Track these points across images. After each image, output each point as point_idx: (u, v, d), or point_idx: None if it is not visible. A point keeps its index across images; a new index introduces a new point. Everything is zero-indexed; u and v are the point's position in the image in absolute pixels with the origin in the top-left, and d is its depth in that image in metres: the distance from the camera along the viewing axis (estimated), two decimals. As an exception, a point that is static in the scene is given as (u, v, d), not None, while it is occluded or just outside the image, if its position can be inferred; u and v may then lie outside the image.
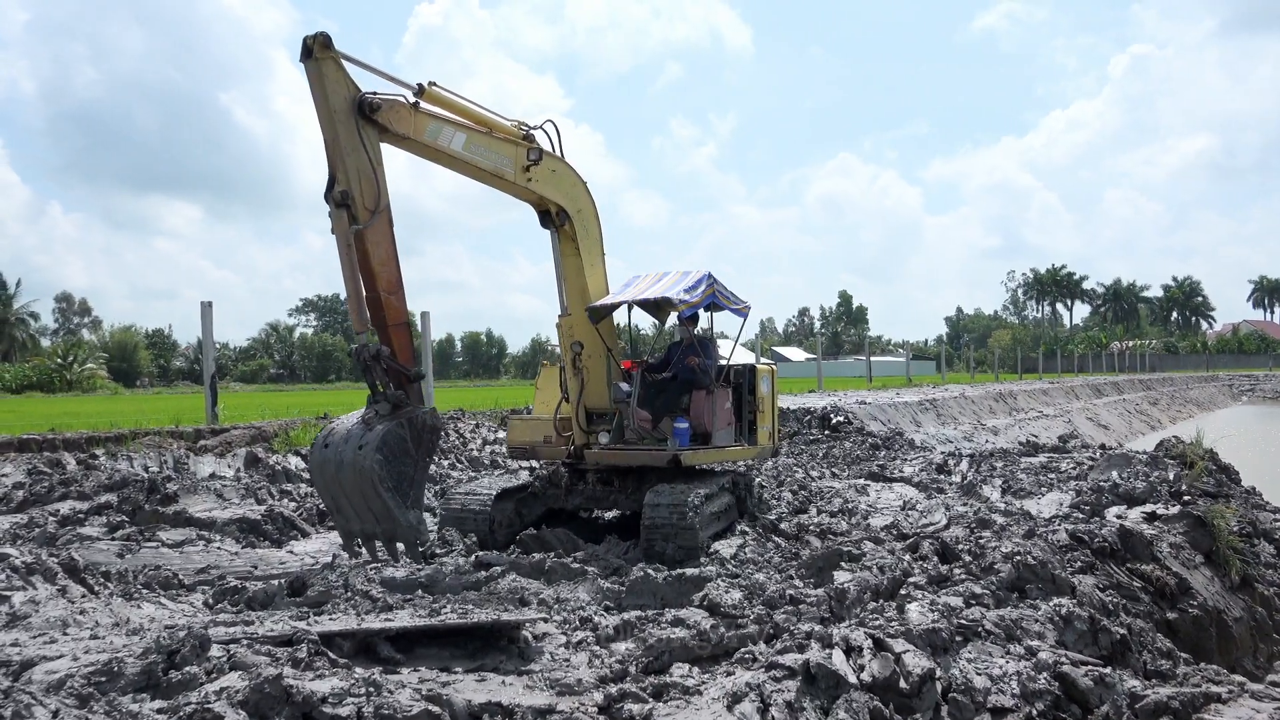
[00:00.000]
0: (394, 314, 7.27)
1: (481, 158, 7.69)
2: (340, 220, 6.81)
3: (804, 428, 19.44)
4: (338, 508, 7.34)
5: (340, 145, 6.71)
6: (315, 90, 6.77)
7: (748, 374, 9.70)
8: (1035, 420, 28.99)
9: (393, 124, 7.02)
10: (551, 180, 8.36)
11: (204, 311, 14.50)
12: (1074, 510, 9.41)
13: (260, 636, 4.85)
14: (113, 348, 77.27)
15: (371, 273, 7.06)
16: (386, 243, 7.13)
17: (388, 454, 6.90)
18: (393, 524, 7.02)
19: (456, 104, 7.66)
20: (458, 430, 15.69)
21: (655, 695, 4.43)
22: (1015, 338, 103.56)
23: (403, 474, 7.03)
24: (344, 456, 6.97)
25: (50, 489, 9.68)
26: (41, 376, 55.49)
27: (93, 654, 4.66)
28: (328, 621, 5.21)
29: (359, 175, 6.80)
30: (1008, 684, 4.90)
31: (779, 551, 7.94)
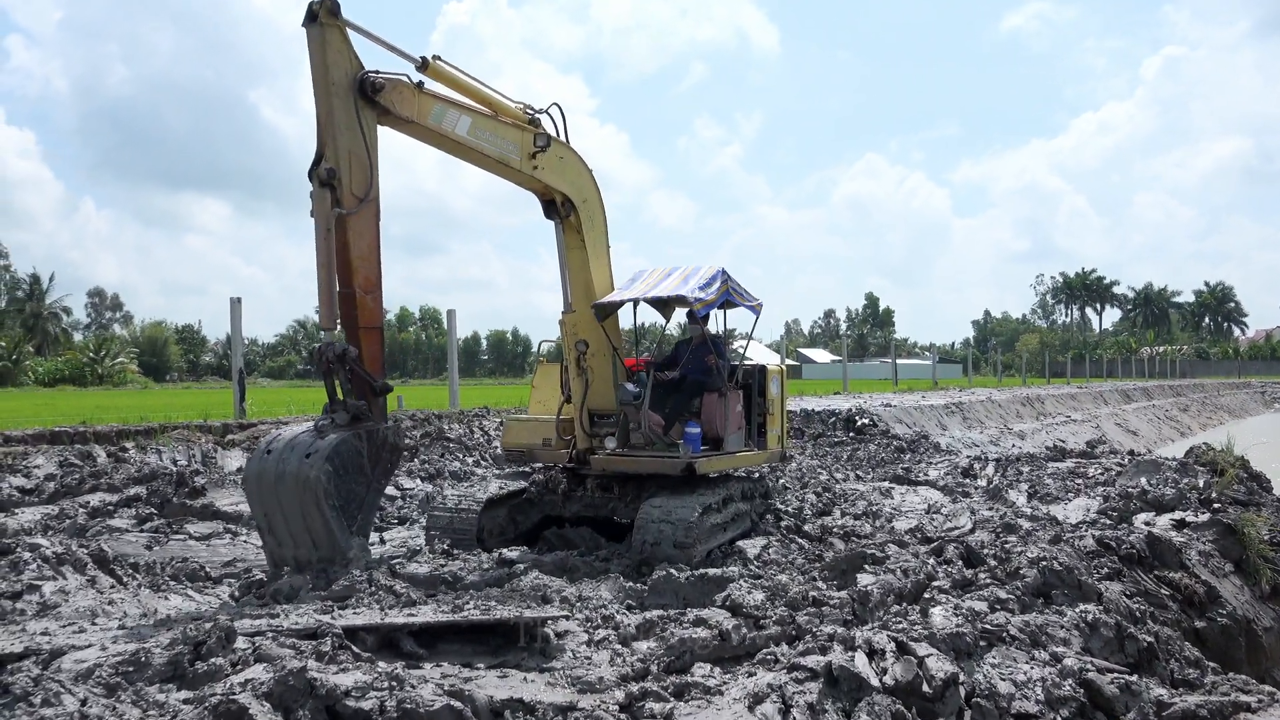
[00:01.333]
0: (368, 315, 6.60)
1: (487, 143, 7.30)
2: (323, 201, 6.21)
3: (828, 430, 19.37)
4: (270, 527, 6.37)
5: (335, 122, 6.25)
6: (315, 59, 6.28)
7: (758, 375, 9.28)
8: (1063, 425, 28.74)
9: (395, 106, 6.60)
10: (558, 168, 7.97)
11: (233, 307, 14.63)
12: (1101, 516, 9.32)
13: (285, 629, 4.89)
14: (143, 342, 78.20)
15: (349, 265, 6.44)
16: (370, 235, 6.56)
17: (338, 466, 6.10)
18: (331, 551, 6.14)
19: (461, 81, 7.30)
20: (482, 428, 15.75)
21: (677, 695, 4.42)
22: (1043, 342, 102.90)
23: (352, 494, 6.22)
24: (286, 466, 6.11)
25: (81, 481, 9.81)
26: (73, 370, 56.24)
27: (120, 644, 4.72)
28: (351, 615, 5.23)
29: (350, 157, 6.33)
30: (1032, 690, 4.86)
31: (802, 553, 7.91)
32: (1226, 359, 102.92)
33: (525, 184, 8.04)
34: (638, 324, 9.82)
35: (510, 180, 7.94)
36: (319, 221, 6.26)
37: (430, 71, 6.98)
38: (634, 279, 9.12)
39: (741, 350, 9.33)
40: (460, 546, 7.98)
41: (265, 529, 6.43)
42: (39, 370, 57.00)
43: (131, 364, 64.60)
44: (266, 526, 6.39)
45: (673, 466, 8.06)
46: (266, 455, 6.28)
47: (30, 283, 79.53)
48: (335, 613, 5.46)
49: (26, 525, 8.22)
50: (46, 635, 4.94)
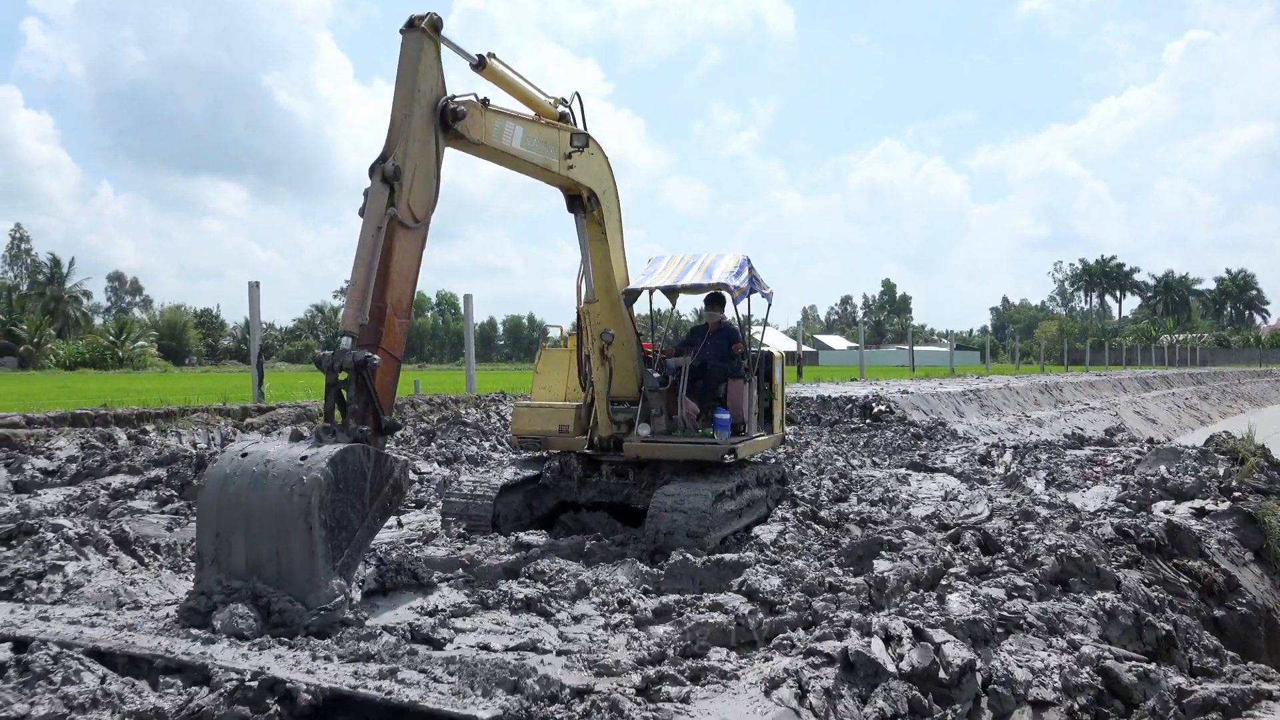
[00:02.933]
0: (393, 339, 5.98)
1: (535, 152, 7.16)
2: (380, 197, 5.79)
3: (845, 416, 19.33)
4: (219, 552, 5.01)
5: (410, 129, 5.99)
6: (406, 65, 6.05)
7: (764, 361, 9.39)
8: (1081, 413, 28.58)
9: (469, 131, 6.38)
10: (588, 164, 7.85)
11: (252, 292, 14.69)
12: (1120, 504, 9.27)
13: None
14: (163, 326, 78.82)
15: (387, 277, 5.87)
16: (414, 257, 6.16)
17: (340, 477, 5.01)
18: (303, 584, 4.85)
19: (511, 81, 7.12)
20: (499, 413, 15.79)
21: (693, 678, 4.44)
22: (1062, 329, 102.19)
23: (345, 519, 5.07)
24: (271, 468, 4.99)
25: (102, 463, 9.89)
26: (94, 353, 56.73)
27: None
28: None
29: (415, 170, 6.01)
30: (1049, 677, 4.85)
31: (818, 539, 7.90)
32: (1247, 347, 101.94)
33: (557, 183, 7.91)
34: (653, 310, 9.84)
35: (544, 181, 7.80)
36: (370, 219, 5.77)
37: (486, 71, 6.84)
38: (653, 266, 9.16)
39: (758, 337, 9.35)
40: (476, 531, 8.04)
41: (209, 555, 5.03)
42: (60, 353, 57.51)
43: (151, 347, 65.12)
44: (213, 551, 5.02)
45: (713, 453, 8.15)
46: (241, 458, 5.15)
47: (51, 266, 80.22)
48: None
49: (49, 506, 8.31)
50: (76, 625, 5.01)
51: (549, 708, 3.92)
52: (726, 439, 8.29)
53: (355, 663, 4.18)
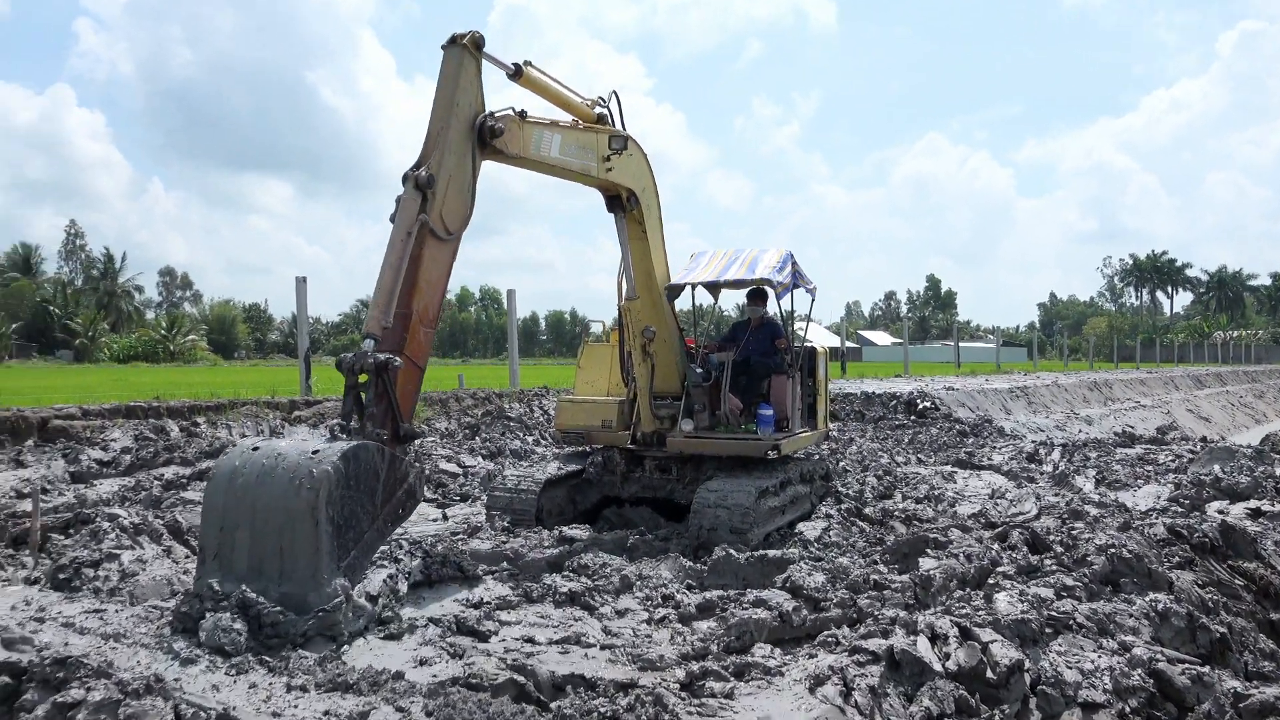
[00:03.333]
0: (416, 348, 5.83)
1: (573, 159, 7.15)
2: (412, 203, 5.75)
3: (889, 413, 19.17)
4: (220, 547, 4.89)
5: (447, 141, 5.99)
6: (446, 79, 6.10)
7: (808, 357, 9.36)
8: (1131, 410, 28.08)
9: (508, 147, 6.39)
10: (626, 165, 7.80)
11: (299, 287, 14.89)
12: (1172, 504, 9.10)
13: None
14: (212, 321, 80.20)
15: (415, 284, 5.76)
16: (444, 268, 6.06)
17: (351, 473, 4.89)
18: (304, 583, 4.71)
19: (547, 87, 7.14)
20: (542, 407, 15.86)
21: (737, 674, 4.43)
22: (1111, 325, 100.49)
23: (354, 518, 4.94)
24: (280, 462, 4.87)
25: (155, 454, 10.09)
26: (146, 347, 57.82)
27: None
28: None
29: (449, 181, 6.00)
30: (1099, 679, 4.78)
31: (863, 536, 7.85)
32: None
33: (596, 185, 7.90)
34: (695, 305, 9.84)
35: (584, 184, 7.80)
36: (400, 224, 5.72)
37: (523, 80, 6.85)
38: (695, 261, 9.16)
39: (801, 333, 9.31)
40: (520, 525, 8.09)
41: (211, 550, 4.91)
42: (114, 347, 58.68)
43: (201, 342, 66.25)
44: (215, 546, 4.90)
45: (757, 449, 8.16)
46: (252, 451, 5.05)
47: (104, 261, 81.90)
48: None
49: (105, 496, 8.49)
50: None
51: (592, 702, 3.94)
52: (770, 435, 8.27)
53: (332, 693, 3.96)
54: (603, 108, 7.73)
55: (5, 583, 5.93)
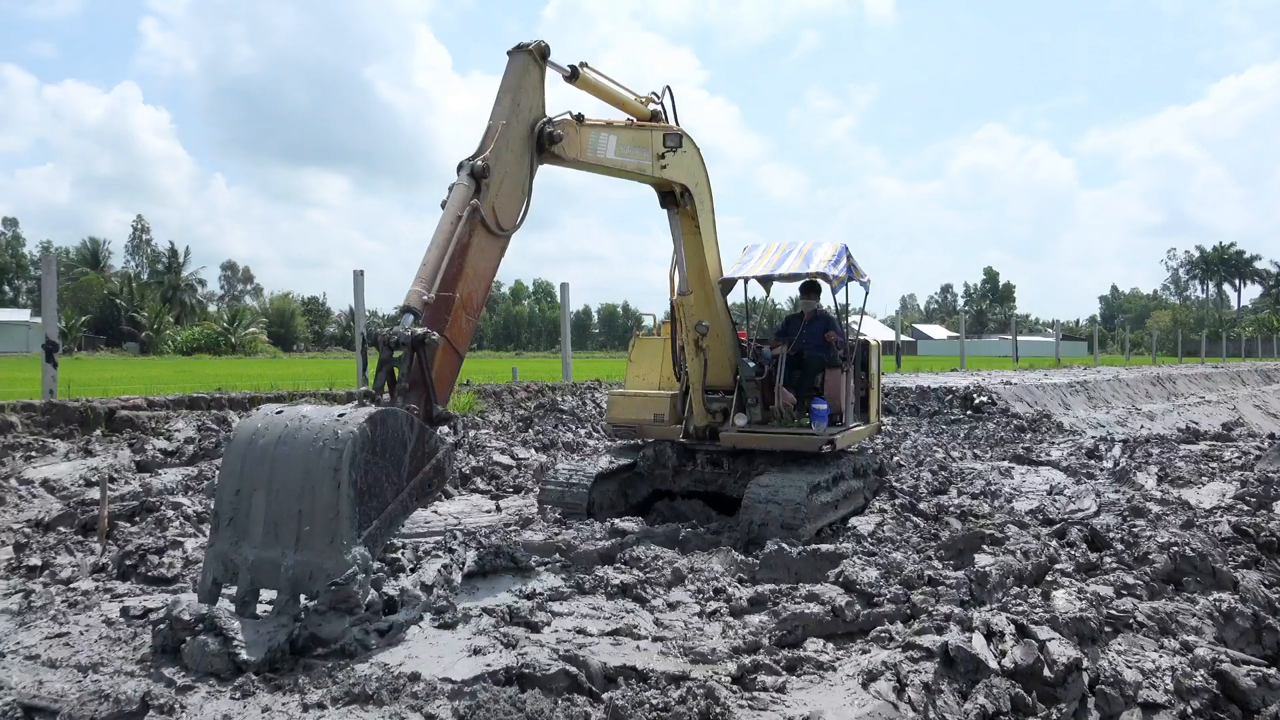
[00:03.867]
0: (458, 332, 5.70)
1: (629, 159, 7.14)
2: (465, 190, 5.66)
3: (945, 407, 18.93)
4: (236, 512, 4.65)
5: (507, 139, 5.98)
6: (509, 85, 6.12)
7: (860, 350, 9.28)
8: (1196, 406, 27.41)
9: (565, 152, 6.41)
10: (680, 161, 7.77)
11: (356, 280, 15.10)
12: (1238, 501, 8.88)
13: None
14: (272, 313, 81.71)
15: (461, 270, 5.65)
16: (492, 261, 6.00)
17: (376, 438, 4.63)
18: (322, 550, 4.45)
19: (603, 87, 7.12)
20: (594, 400, 15.92)
21: (789, 668, 4.42)
22: (1176, 319, 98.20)
23: (378, 485, 4.66)
24: (302, 424, 4.65)
25: (217, 444, 10.32)
26: (209, 340, 59.17)
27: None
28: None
29: (505, 177, 5.98)
30: (1160, 679, 4.69)
31: (917, 531, 7.77)
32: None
33: (651, 183, 7.91)
34: (748, 299, 9.80)
35: (638, 181, 7.79)
36: (451, 208, 5.61)
37: (579, 81, 6.85)
38: (748, 254, 9.13)
39: (856, 326, 9.23)
40: (572, 517, 8.13)
41: (226, 515, 4.67)
42: (178, 339, 60.09)
43: (262, 334, 67.56)
44: (230, 512, 4.66)
45: (811, 443, 8.12)
46: (276, 414, 4.80)
47: (169, 255, 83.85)
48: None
49: (169, 485, 8.70)
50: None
51: (644, 694, 3.95)
52: (824, 429, 8.22)
53: (352, 706, 3.79)
54: (656, 104, 7.71)
55: (75, 567, 6.11)
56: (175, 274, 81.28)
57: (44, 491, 8.31)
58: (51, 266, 12.31)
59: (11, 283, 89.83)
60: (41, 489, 8.35)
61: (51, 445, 9.70)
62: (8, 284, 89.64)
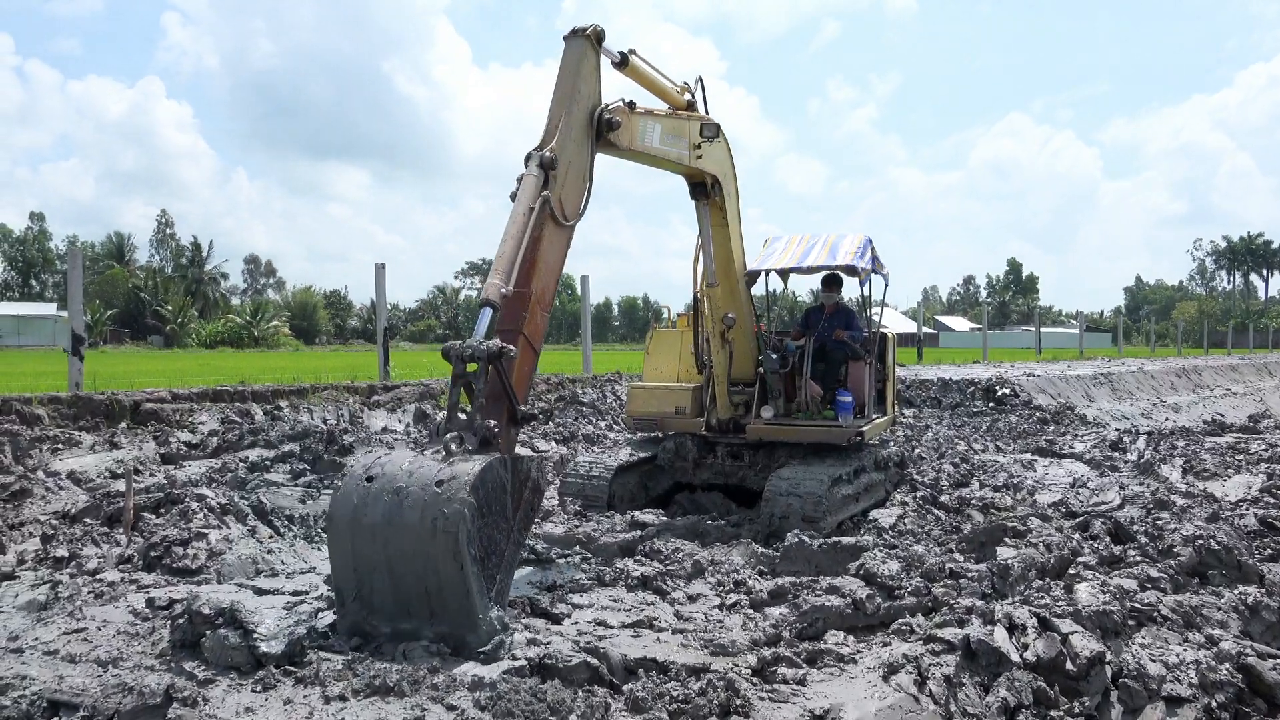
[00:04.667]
0: (534, 328, 5.71)
1: (670, 148, 7.09)
2: (534, 180, 5.64)
3: (967, 399, 18.82)
4: (361, 589, 4.59)
5: (569, 129, 5.94)
6: (567, 72, 6.08)
7: (878, 342, 9.24)
8: (1222, 398, 27.12)
9: (620, 140, 6.37)
10: (714, 152, 7.75)
11: (378, 273, 15.15)
12: (1264, 494, 8.78)
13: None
14: (294, 307, 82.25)
15: (534, 265, 5.62)
16: (561, 253, 5.99)
17: (482, 501, 4.48)
18: (459, 622, 4.40)
19: (649, 76, 7.08)
20: (615, 393, 15.93)
21: (809, 661, 4.42)
22: (1202, 310, 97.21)
23: (494, 543, 4.59)
24: (404, 499, 4.48)
25: (240, 437, 10.39)
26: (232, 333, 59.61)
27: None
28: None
29: (569, 166, 5.93)
30: (1184, 673, 4.65)
31: (939, 524, 7.74)
32: None
33: (684, 173, 7.86)
34: (768, 291, 9.77)
35: (673, 171, 7.76)
36: (523, 200, 5.58)
37: (628, 69, 6.80)
38: (769, 247, 9.11)
39: (876, 318, 9.20)
40: (592, 510, 8.15)
41: (351, 592, 4.60)
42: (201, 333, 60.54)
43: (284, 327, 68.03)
44: (354, 590, 4.59)
45: (840, 436, 8.12)
46: (367, 484, 4.61)
47: (192, 250, 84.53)
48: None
49: (193, 477, 8.77)
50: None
51: (664, 685, 3.96)
52: (850, 421, 8.21)
53: (373, 699, 3.81)
54: (691, 94, 7.68)
55: (101, 559, 6.17)
56: (199, 268, 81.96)
57: (70, 484, 8.40)
58: (77, 261, 12.43)
59: (38, 277, 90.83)
60: (68, 481, 8.44)
61: (78, 438, 9.80)
62: (35, 278, 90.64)
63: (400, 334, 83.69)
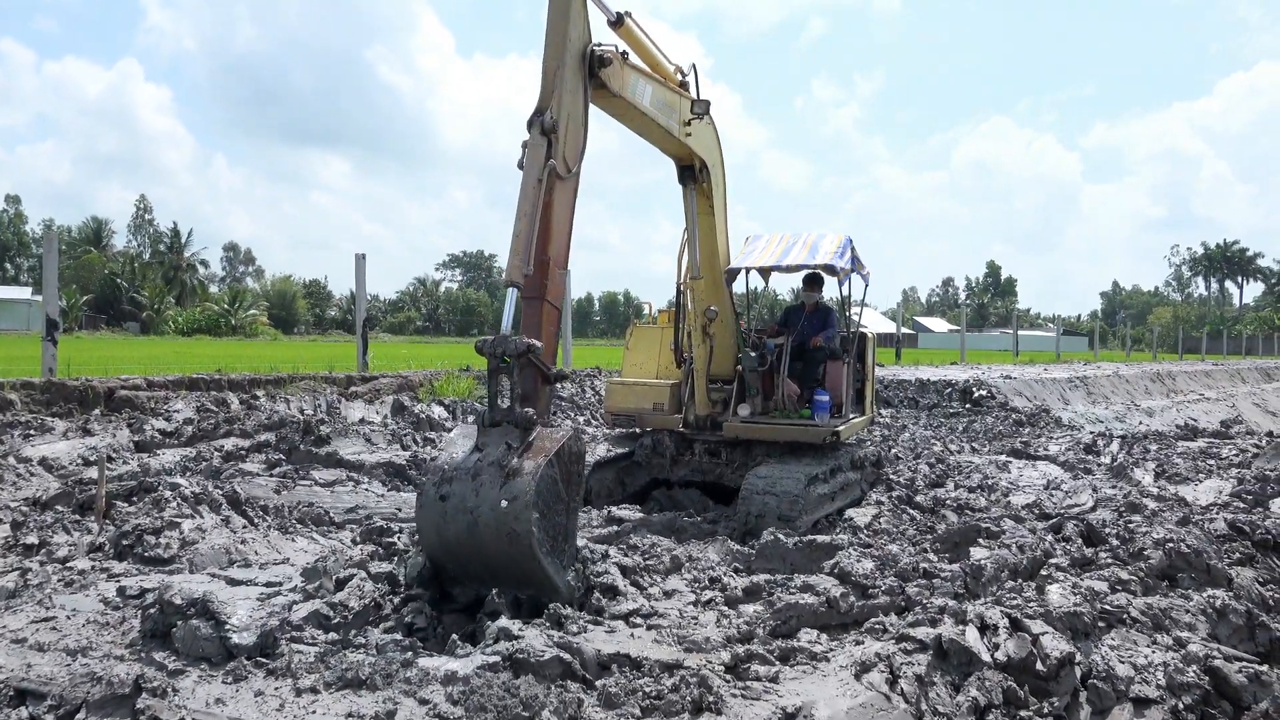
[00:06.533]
0: (555, 290, 5.95)
1: (661, 113, 7.07)
2: (539, 149, 5.67)
3: (944, 400, 18.94)
4: (459, 573, 5.30)
5: (563, 80, 5.89)
6: (557, 16, 5.96)
7: (857, 341, 9.28)
8: (1195, 403, 27.41)
9: (610, 80, 6.30)
10: (704, 134, 7.77)
11: (358, 264, 15.08)
12: (1235, 499, 8.88)
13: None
14: (273, 296, 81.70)
15: (548, 230, 5.84)
16: (569, 209, 6.10)
17: (543, 510, 5.05)
18: (542, 590, 5.13)
19: (642, 43, 7.06)
20: (594, 388, 15.93)
21: (782, 659, 4.43)
22: (1177, 316, 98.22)
23: (556, 527, 5.22)
24: (479, 514, 5.05)
25: (216, 426, 10.33)
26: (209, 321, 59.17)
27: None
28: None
29: (569, 119, 5.92)
30: (1153, 674, 4.70)
31: (914, 524, 7.78)
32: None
33: (674, 151, 7.86)
34: (749, 289, 9.78)
35: (662, 147, 7.76)
36: (530, 171, 5.67)
37: (622, 30, 6.78)
38: (751, 245, 9.11)
39: (856, 317, 9.24)
40: None
41: (447, 575, 5.36)
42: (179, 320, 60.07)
43: (262, 316, 67.56)
44: (450, 573, 5.34)
45: (815, 435, 8.11)
46: (441, 500, 5.11)
47: (171, 236, 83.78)
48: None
49: (167, 465, 8.71)
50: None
51: (637, 681, 3.96)
52: (826, 420, 8.22)
53: (346, 691, 3.82)
54: (685, 76, 7.67)
55: (72, 546, 6.12)
56: (177, 254, 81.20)
57: (42, 470, 8.32)
58: (53, 245, 12.31)
59: (13, 260, 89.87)
60: (39, 467, 8.36)
61: (50, 424, 9.71)
62: (9, 262, 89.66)
63: (380, 325, 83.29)
